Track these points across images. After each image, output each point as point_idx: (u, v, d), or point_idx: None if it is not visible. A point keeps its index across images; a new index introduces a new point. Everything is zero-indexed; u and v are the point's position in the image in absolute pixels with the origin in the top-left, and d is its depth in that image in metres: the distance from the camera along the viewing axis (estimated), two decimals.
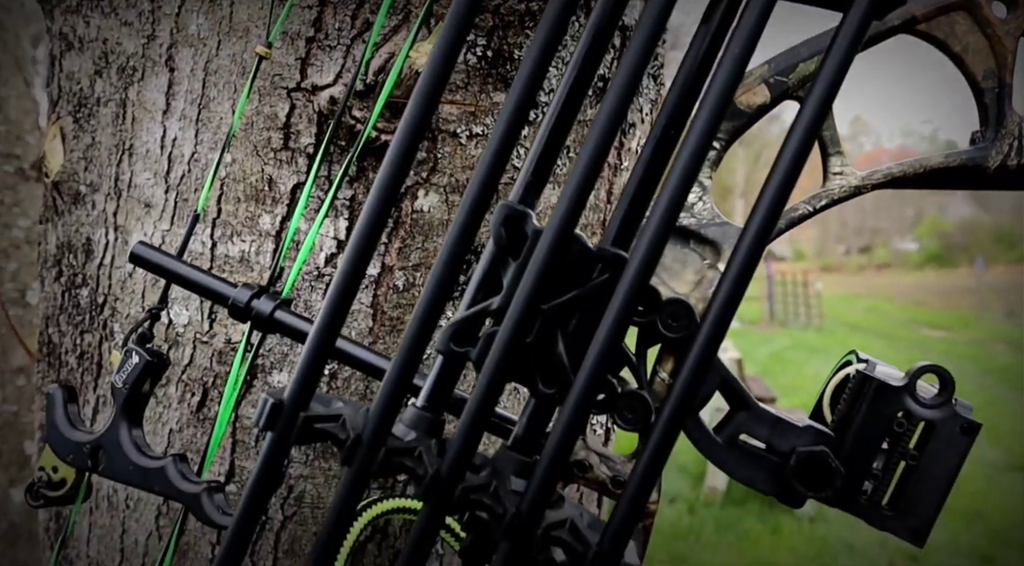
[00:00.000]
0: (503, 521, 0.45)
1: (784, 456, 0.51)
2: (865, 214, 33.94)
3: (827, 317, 14.66)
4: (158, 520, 0.77)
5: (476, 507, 0.46)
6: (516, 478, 0.50)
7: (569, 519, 0.46)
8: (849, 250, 33.21)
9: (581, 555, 0.45)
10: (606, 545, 0.44)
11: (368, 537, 0.74)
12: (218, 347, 0.72)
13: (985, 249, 25.02)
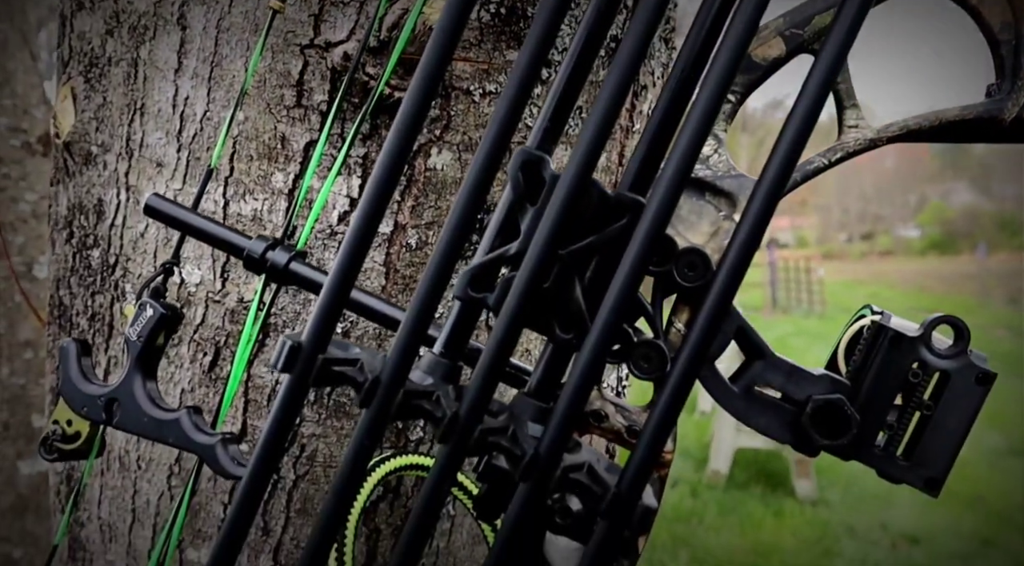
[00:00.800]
0: (521, 463, 0.45)
1: (800, 404, 0.51)
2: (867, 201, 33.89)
3: (829, 304, 14.65)
4: (170, 480, 0.77)
5: (494, 449, 0.46)
6: (533, 424, 0.50)
7: (587, 463, 0.46)
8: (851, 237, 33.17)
9: (599, 497, 0.45)
10: (624, 487, 0.44)
11: (380, 496, 0.74)
12: (230, 306, 0.72)
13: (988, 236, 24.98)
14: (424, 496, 0.45)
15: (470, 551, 0.79)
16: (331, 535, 0.45)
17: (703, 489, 5.50)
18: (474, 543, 0.79)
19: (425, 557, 0.77)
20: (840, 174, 32.14)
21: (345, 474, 0.45)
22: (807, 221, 32.87)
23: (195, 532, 0.77)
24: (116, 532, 0.81)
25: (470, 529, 0.79)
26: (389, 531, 0.74)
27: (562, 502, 0.52)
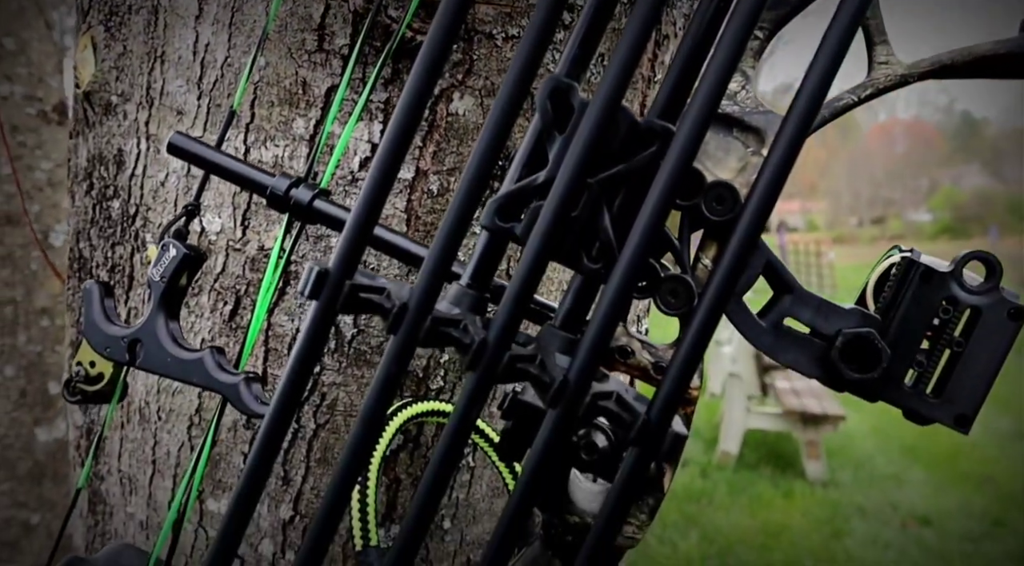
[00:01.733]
0: (550, 388, 0.44)
1: (829, 339, 0.51)
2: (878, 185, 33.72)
3: (839, 287, 14.61)
4: (190, 431, 0.77)
5: (522, 377, 0.45)
6: (561, 355, 0.49)
7: (615, 392, 0.46)
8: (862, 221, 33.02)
9: (628, 424, 0.44)
10: (654, 415, 0.44)
11: (400, 445, 0.74)
12: (251, 254, 0.72)
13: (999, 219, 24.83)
14: (452, 424, 0.44)
15: (489, 504, 0.79)
16: (356, 467, 0.44)
17: (713, 470, 5.51)
18: (493, 495, 0.79)
19: (444, 508, 0.77)
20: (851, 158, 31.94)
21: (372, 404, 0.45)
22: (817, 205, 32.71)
23: (215, 482, 0.77)
24: (136, 484, 0.82)
25: (490, 481, 0.78)
26: (409, 481, 0.74)
27: (587, 438, 0.52)
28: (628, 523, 0.55)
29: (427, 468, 0.43)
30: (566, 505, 0.56)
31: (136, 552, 0.67)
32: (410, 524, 0.43)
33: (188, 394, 0.76)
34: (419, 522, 0.44)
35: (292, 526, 0.75)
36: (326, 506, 0.43)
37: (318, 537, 0.43)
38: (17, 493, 1.71)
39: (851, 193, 34.08)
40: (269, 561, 0.76)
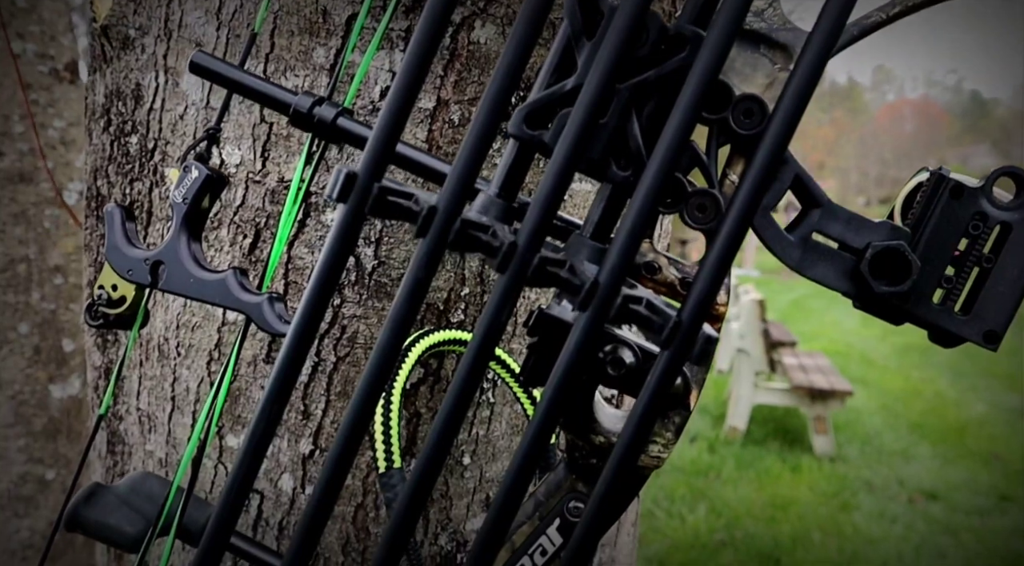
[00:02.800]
0: (581, 290, 0.44)
1: (858, 252, 0.50)
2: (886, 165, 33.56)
3: None
4: (209, 366, 0.77)
5: (551, 281, 0.45)
6: (589, 264, 0.49)
7: (645, 297, 0.46)
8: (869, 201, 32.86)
9: (659, 327, 0.44)
10: (685, 316, 0.44)
11: (420, 379, 0.74)
12: (270, 186, 0.72)
13: None
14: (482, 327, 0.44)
15: (509, 442, 0.79)
16: (378, 385, 0.44)
17: (720, 445, 5.52)
18: (513, 433, 0.79)
19: (464, 444, 0.77)
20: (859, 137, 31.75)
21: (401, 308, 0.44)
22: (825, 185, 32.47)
23: (234, 418, 0.77)
24: (155, 422, 0.82)
25: (509, 419, 0.78)
26: (429, 416, 0.74)
27: (614, 353, 0.52)
28: (653, 442, 0.55)
29: (453, 378, 0.43)
30: (591, 425, 0.56)
31: (158, 480, 0.67)
32: (434, 438, 0.43)
33: (207, 329, 0.76)
34: (444, 436, 0.43)
35: (312, 460, 0.75)
36: (348, 425, 0.43)
37: (335, 468, 0.43)
38: (32, 449, 1.72)
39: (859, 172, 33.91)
40: (289, 496, 0.76)
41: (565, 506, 0.59)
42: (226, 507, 0.48)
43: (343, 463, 0.44)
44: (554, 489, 0.60)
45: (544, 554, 0.60)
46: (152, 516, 0.65)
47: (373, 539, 0.76)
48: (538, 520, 0.60)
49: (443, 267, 0.72)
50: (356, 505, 0.76)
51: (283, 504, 0.77)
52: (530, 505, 0.60)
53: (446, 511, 0.78)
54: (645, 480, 0.58)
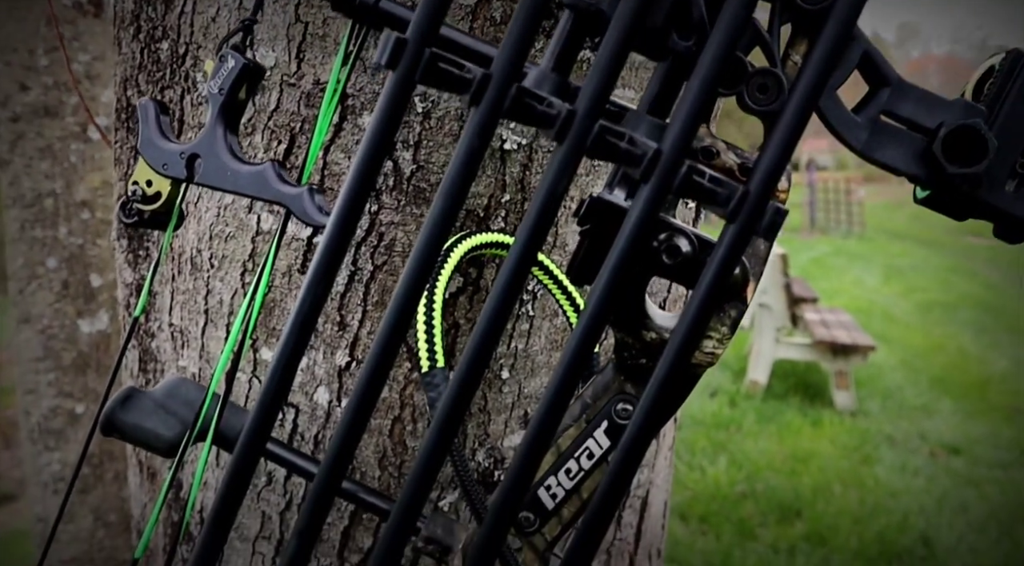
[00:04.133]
0: (643, 159, 0.42)
1: (930, 133, 0.48)
2: None
3: (869, 226, 14.48)
4: (243, 277, 0.76)
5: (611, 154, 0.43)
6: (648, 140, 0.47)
7: (708, 173, 0.44)
8: None
9: (725, 197, 0.42)
10: (753, 187, 0.42)
11: (460, 289, 0.72)
12: (306, 89, 0.70)
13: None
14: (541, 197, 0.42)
15: (548, 357, 0.77)
16: (422, 280, 0.42)
17: (741, 399, 5.51)
18: (552, 349, 0.77)
19: (503, 357, 0.75)
20: None
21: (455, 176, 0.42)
22: None
23: (269, 330, 0.76)
24: (188, 337, 0.81)
25: (548, 334, 0.77)
26: (468, 327, 0.73)
27: (670, 241, 0.50)
28: (708, 337, 0.53)
29: (502, 267, 0.41)
30: (643, 320, 0.54)
31: (194, 385, 0.66)
32: (479, 337, 0.41)
33: (241, 239, 0.75)
34: (488, 335, 0.41)
35: (348, 373, 0.74)
36: (386, 329, 0.41)
37: (371, 378, 0.41)
38: (62, 383, 1.72)
39: None
40: (325, 409, 0.75)
41: (613, 408, 0.58)
42: (262, 410, 0.46)
43: (380, 372, 0.42)
44: (601, 391, 0.58)
45: (591, 457, 0.58)
46: (188, 421, 0.63)
47: (410, 453, 0.75)
48: (585, 423, 0.58)
49: (483, 172, 0.70)
50: (393, 418, 0.74)
51: (318, 418, 0.75)
52: (576, 407, 0.59)
53: (484, 426, 0.77)
54: (697, 380, 0.56)
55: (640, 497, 0.88)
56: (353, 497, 0.66)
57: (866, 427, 5.06)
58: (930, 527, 3.76)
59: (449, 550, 0.63)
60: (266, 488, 0.79)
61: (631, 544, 0.89)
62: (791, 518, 3.89)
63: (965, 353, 6.72)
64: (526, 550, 0.60)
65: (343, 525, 0.77)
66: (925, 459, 4.63)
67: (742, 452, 4.63)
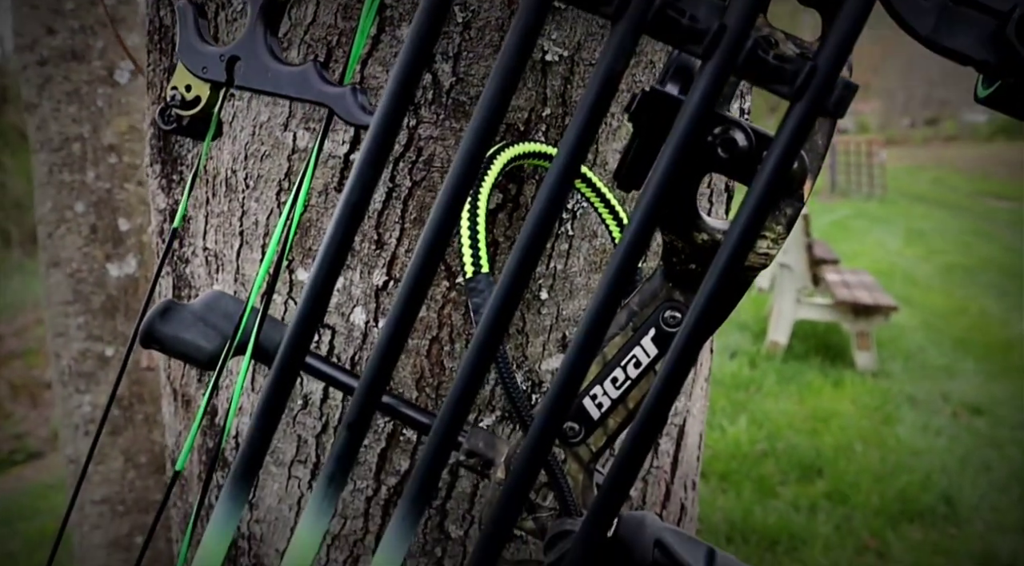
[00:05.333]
0: (704, 38, 0.40)
1: (1004, 15, 0.46)
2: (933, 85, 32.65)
3: (890, 189, 14.34)
4: (279, 196, 0.75)
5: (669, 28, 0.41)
6: None
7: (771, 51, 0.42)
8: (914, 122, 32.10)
9: (792, 73, 0.40)
10: (822, 62, 0.40)
11: (499, 205, 0.71)
12: (343, 1, 0.68)
13: None
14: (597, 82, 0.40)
15: (587, 279, 0.76)
16: (465, 189, 0.41)
17: (761, 360, 5.50)
18: (591, 270, 0.76)
19: (542, 278, 0.74)
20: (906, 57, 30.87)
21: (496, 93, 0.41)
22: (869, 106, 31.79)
23: (305, 251, 0.75)
24: (223, 260, 0.80)
25: (587, 255, 0.76)
26: (507, 244, 0.72)
27: (726, 134, 0.48)
28: (763, 236, 0.52)
29: (545, 181, 0.39)
30: (695, 221, 0.52)
31: (232, 299, 0.65)
32: (527, 235, 0.40)
33: (276, 158, 0.74)
34: (537, 233, 0.40)
35: (386, 292, 0.73)
36: (427, 241, 0.40)
37: (410, 294, 0.40)
38: (92, 326, 1.73)
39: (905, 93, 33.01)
40: (362, 330, 0.75)
41: (660, 316, 0.57)
42: (301, 322, 0.45)
43: (419, 288, 0.41)
44: (649, 298, 0.57)
45: (638, 366, 0.57)
46: (228, 333, 0.63)
47: (448, 374, 0.74)
48: (631, 331, 0.57)
49: (523, 85, 0.69)
50: (431, 338, 0.74)
51: (355, 339, 0.75)
52: (623, 316, 0.58)
53: (522, 349, 0.76)
54: (749, 285, 0.55)
55: (677, 425, 0.88)
56: (394, 411, 0.65)
57: (887, 388, 5.04)
58: (952, 486, 3.75)
59: (491, 463, 0.62)
60: (302, 412, 0.78)
61: (667, 472, 0.88)
62: (812, 476, 3.89)
63: (987, 315, 6.67)
64: (571, 461, 0.59)
65: (380, 447, 0.77)
66: (947, 419, 4.61)
67: (762, 412, 4.62)
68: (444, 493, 0.78)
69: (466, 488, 0.78)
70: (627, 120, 0.61)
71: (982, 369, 5.41)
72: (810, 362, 5.45)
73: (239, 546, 0.87)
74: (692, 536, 0.59)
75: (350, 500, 0.79)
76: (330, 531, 0.80)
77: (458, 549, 0.80)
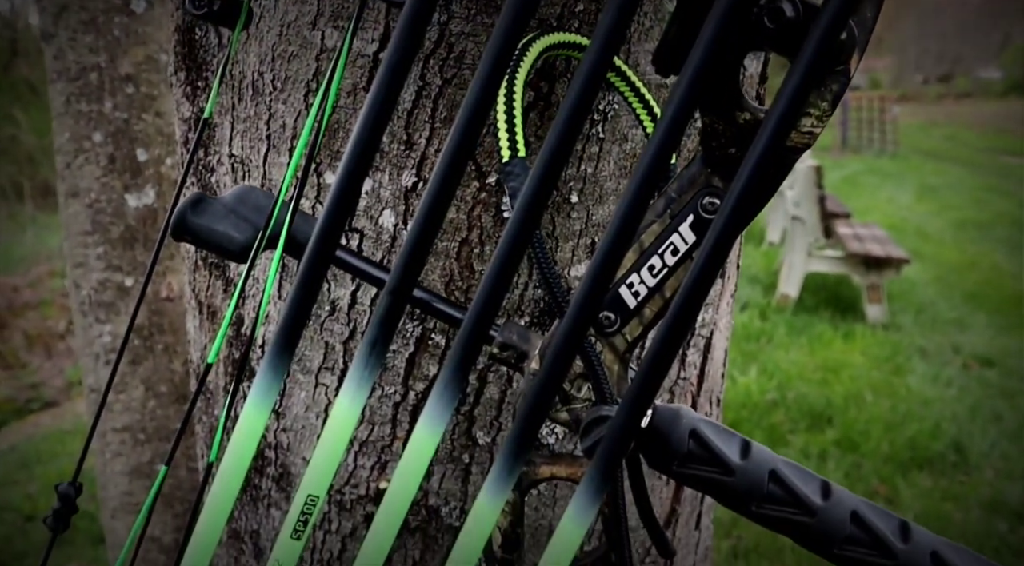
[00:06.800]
0: None
1: None
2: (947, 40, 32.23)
3: (902, 145, 14.22)
4: (307, 98, 0.74)
5: None
6: None
7: None
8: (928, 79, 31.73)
9: None
10: None
11: (530, 103, 0.70)
12: None
13: None
14: None
15: (616, 184, 0.76)
16: (497, 79, 0.40)
17: (771, 312, 5.50)
18: (621, 175, 0.76)
19: (572, 181, 0.74)
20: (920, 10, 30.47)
21: None
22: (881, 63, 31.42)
23: (333, 153, 0.74)
24: (249, 166, 0.79)
25: (618, 159, 0.75)
26: (537, 145, 0.71)
27: (772, 4, 0.47)
28: (807, 113, 0.51)
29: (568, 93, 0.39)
30: (737, 100, 0.52)
31: (262, 193, 0.65)
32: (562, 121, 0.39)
33: (305, 58, 0.73)
34: (565, 136, 0.39)
35: (415, 194, 0.73)
36: (458, 131, 0.39)
37: (440, 189, 0.40)
38: (111, 257, 1.73)
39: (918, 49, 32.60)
40: (390, 233, 0.74)
41: (699, 202, 0.56)
42: (329, 215, 0.45)
43: (450, 180, 0.40)
44: (687, 185, 0.56)
45: (675, 253, 0.57)
46: (259, 225, 0.63)
47: (477, 277, 0.74)
48: (669, 218, 0.57)
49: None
50: (460, 240, 0.73)
51: (384, 242, 0.74)
52: (660, 203, 0.57)
53: (551, 253, 0.75)
54: (790, 168, 0.54)
55: (704, 337, 0.87)
56: (427, 306, 0.65)
57: (898, 340, 5.04)
58: (962, 434, 3.77)
59: (525, 356, 0.62)
60: (329, 318, 0.78)
61: (694, 385, 0.88)
62: (822, 425, 3.91)
63: (999, 270, 6.65)
64: (606, 351, 0.59)
65: (408, 352, 0.77)
66: (958, 370, 4.62)
67: (773, 362, 4.63)
68: (472, 399, 0.78)
69: (494, 395, 0.78)
70: None
71: (993, 322, 5.41)
72: (820, 315, 5.45)
73: (266, 456, 0.87)
74: (727, 428, 0.59)
75: (378, 406, 0.79)
76: (357, 437, 0.81)
77: (485, 456, 0.80)
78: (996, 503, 3.22)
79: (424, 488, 0.81)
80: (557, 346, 0.42)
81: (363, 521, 0.83)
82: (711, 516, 1.05)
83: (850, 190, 9.96)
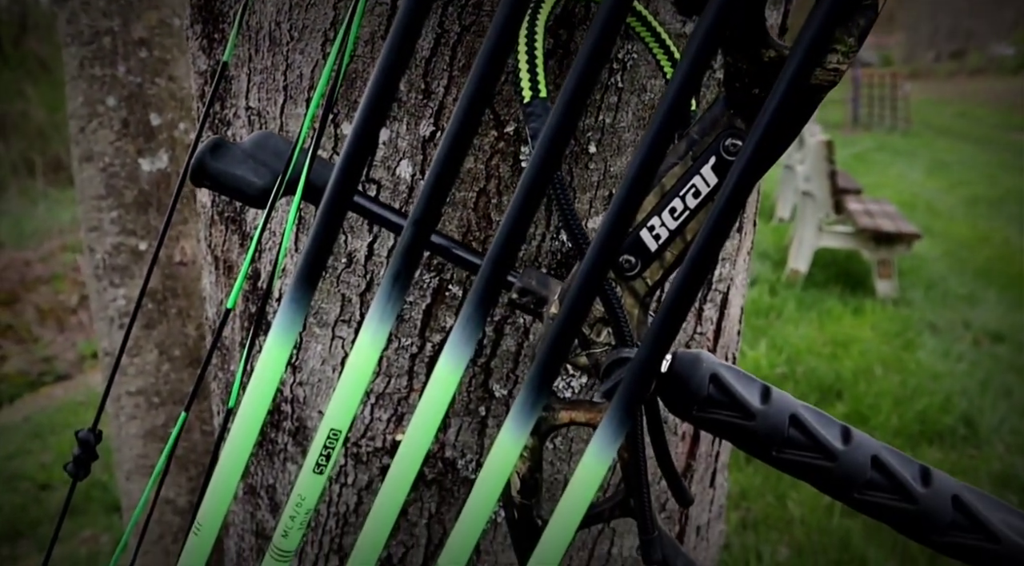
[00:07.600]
0: None
1: None
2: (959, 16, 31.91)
3: (914, 122, 14.13)
4: (324, 47, 0.73)
5: None
6: None
7: None
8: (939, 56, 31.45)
9: None
10: None
11: (549, 50, 0.70)
12: None
13: None
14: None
15: (635, 135, 0.75)
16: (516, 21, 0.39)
17: (781, 287, 5.49)
18: (639, 126, 0.75)
19: (590, 131, 0.73)
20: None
21: None
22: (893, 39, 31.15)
23: (350, 103, 0.74)
24: (266, 117, 0.79)
25: (636, 110, 0.74)
26: (555, 93, 0.71)
27: None
28: (833, 50, 0.50)
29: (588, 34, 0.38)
30: (761, 37, 0.51)
31: (281, 139, 0.65)
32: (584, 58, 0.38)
33: (322, 7, 0.72)
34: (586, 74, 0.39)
35: (433, 144, 0.72)
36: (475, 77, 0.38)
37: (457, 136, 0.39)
38: (125, 220, 1.73)
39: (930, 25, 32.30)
40: (408, 184, 0.74)
41: (722, 144, 0.56)
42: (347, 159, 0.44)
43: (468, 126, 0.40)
44: (709, 126, 0.56)
45: (697, 195, 0.57)
46: (278, 170, 0.62)
47: (495, 227, 0.74)
48: (691, 160, 0.56)
49: None
50: (478, 190, 0.73)
51: (401, 193, 0.74)
52: (682, 145, 0.57)
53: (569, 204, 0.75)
54: (815, 108, 0.53)
55: (721, 291, 0.87)
56: (446, 251, 0.65)
57: (908, 315, 5.03)
58: (972, 408, 3.76)
59: (544, 301, 0.62)
60: (346, 270, 0.78)
61: (710, 340, 0.88)
62: (831, 398, 3.91)
63: (1010, 245, 6.62)
64: (626, 295, 0.59)
65: (425, 303, 0.77)
66: (968, 345, 4.61)
67: (782, 337, 4.63)
68: (489, 351, 0.78)
69: (511, 347, 0.78)
70: None
71: (1005, 298, 5.38)
72: (830, 290, 5.44)
73: (282, 410, 0.88)
74: (747, 373, 0.59)
75: (394, 358, 0.79)
76: (373, 390, 0.81)
77: (502, 408, 0.80)
78: (1006, 477, 3.22)
79: (440, 440, 0.82)
80: (577, 287, 0.42)
81: (379, 474, 0.84)
82: (725, 474, 1.05)
83: (861, 167, 9.91)
